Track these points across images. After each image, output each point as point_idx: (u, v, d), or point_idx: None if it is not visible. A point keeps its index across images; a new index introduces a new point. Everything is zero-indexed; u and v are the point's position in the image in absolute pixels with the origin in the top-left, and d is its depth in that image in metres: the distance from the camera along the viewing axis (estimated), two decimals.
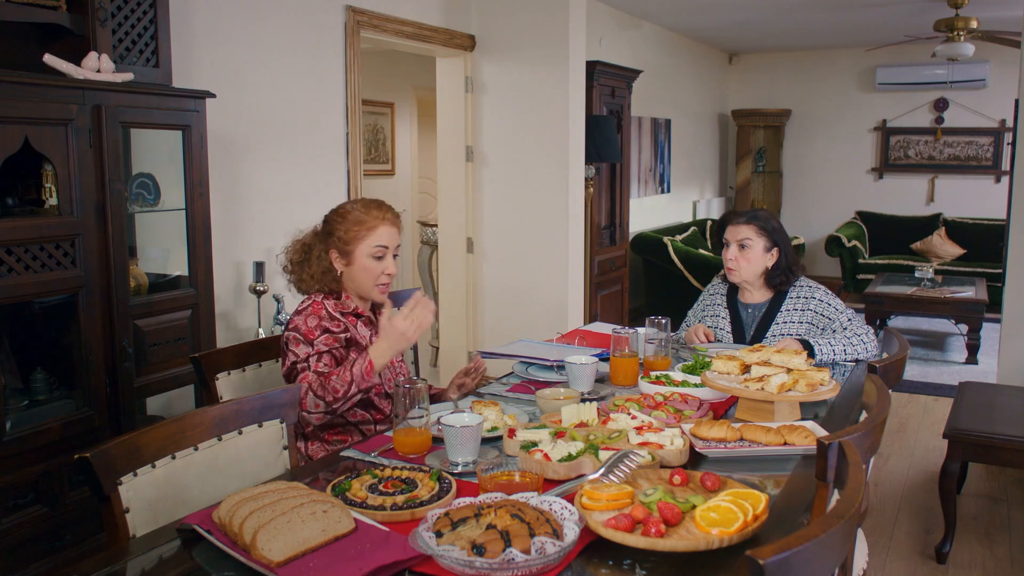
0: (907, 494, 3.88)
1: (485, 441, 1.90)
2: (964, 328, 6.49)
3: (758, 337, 2.89)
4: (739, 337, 2.94)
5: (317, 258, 2.35)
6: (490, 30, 5.22)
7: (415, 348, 3.03)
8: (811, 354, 2.67)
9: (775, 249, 2.89)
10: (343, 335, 2.30)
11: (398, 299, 2.60)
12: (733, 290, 3.03)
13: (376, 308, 2.43)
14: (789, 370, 2.15)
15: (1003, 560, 3.26)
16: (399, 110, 7.84)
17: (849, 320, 2.82)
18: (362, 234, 2.31)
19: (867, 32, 8.10)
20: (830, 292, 2.92)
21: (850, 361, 2.75)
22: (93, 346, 2.67)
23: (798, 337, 2.75)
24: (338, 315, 2.31)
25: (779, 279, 2.90)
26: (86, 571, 1.40)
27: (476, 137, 5.31)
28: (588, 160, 5.45)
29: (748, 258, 2.89)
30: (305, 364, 2.22)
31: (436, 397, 2.43)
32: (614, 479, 1.61)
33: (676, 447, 1.79)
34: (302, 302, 2.35)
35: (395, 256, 2.37)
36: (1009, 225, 4.47)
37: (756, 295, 2.96)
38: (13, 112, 2.39)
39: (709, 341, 2.92)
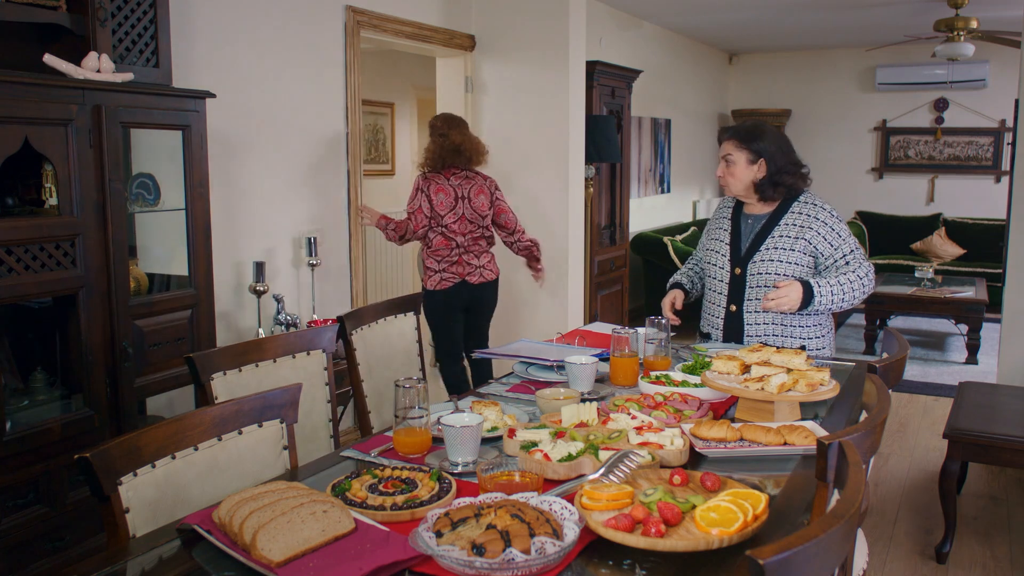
0: (907, 494, 3.88)
1: (485, 441, 1.90)
2: (964, 328, 6.49)
3: (753, 250, 2.83)
4: (735, 250, 2.88)
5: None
6: (490, 30, 5.22)
7: (419, 351, 3.03)
8: (810, 296, 2.65)
9: (761, 160, 2.81)
10: None
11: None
12: (740, 202, 2.96)
13: None
14: (789, 370, 2.15)
15: (1003, 560, 3.26)
16: (399, 110, 7.83)
17: (852, 252, 2.75)
18: None
19: (867, 32, 8.10)
20: (835, 214, 2.81)
21: (847, 307, 2.72)
22: (93, 346, 2.67)
23: (799, 279, 2.70)
24: None
25: (767, 191, 2.83)
26: (86, 571, 1.40)
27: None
28: (588, 160, 5.45)
29: (733, 173, 2.84)
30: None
31: None
32: (614, 479, 1.61)
33: (676, 447, 1.79)
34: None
35: None
36: (1009, 225, 4.47)
37: (757, 207, 2.89)
38: (13, 112, 2.39)
39: (677, 310, 2.93)
